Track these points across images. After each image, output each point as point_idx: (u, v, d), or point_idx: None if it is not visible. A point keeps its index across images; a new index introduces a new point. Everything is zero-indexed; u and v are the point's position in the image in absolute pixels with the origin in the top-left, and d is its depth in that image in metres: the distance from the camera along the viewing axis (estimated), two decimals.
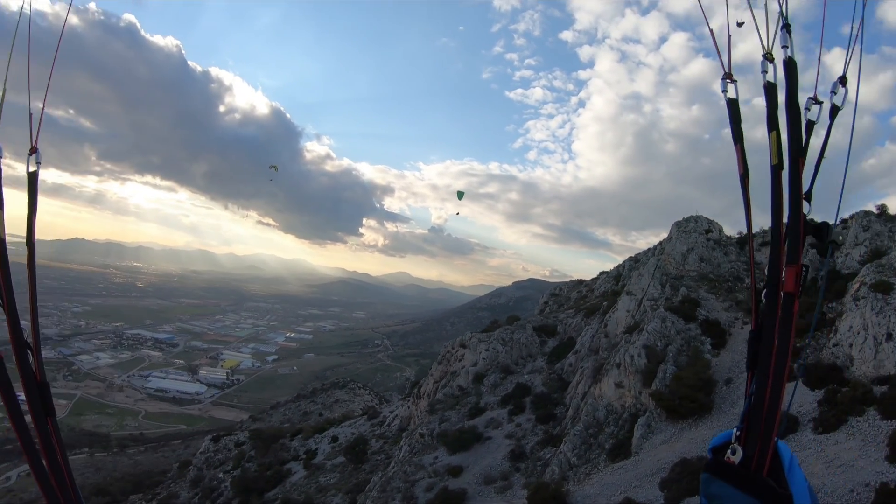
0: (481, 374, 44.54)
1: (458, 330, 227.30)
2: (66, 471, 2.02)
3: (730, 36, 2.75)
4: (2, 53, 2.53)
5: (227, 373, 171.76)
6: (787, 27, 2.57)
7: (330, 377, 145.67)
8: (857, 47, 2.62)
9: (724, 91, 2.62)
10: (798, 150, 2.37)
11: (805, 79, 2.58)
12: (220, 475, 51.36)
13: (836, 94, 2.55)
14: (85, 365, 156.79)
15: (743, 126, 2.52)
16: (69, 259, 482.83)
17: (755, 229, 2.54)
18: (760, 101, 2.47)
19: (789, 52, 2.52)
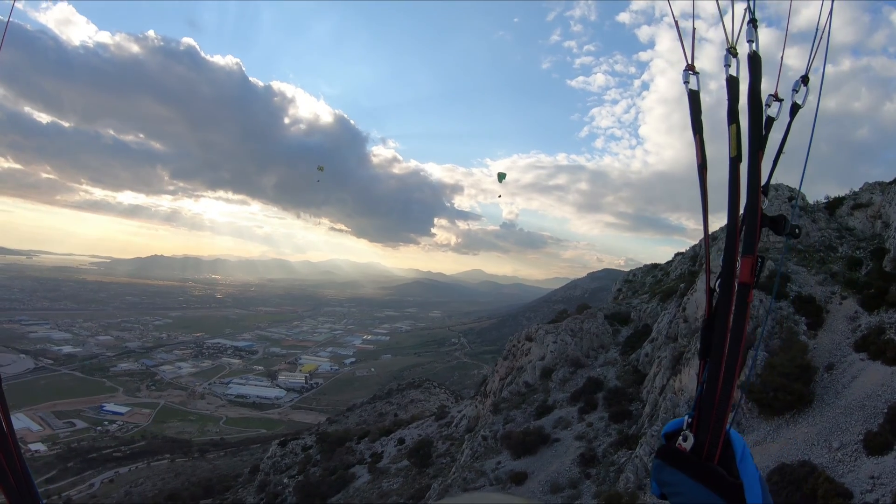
0: (549, 368, 40.97)
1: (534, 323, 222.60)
2: (13, 441, 1.95)
3: (694, 29, 2.73)
4: None
5: (305, 377, 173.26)
6: (753, 22, 2.60)
7: (407, 377, 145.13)
8: (824, 48, 2.61)
9: (686, 82, 2.68)
10: (758, 144, 2.41)
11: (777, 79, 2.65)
12: (285, 480, 50.08)
13: (797, 92, 2.61)
14: (167, 375, 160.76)
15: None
16: (149, 275, 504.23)
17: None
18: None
19: (754, 47, 2.57)
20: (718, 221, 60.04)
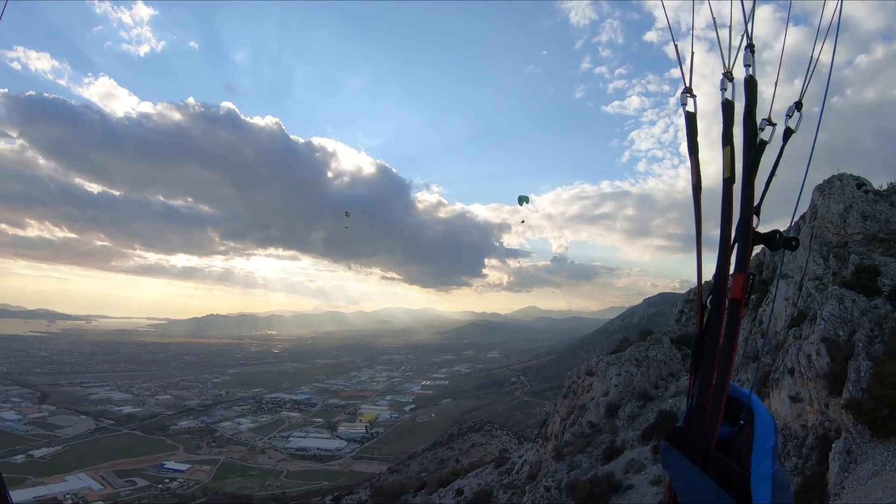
0: (615, 404, 37.18)
1: (593, 357, 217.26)
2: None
3: (693, 52, 2.94)
4: None
5: (365, 426, 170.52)
6: (750, 47, 2.72)
7: (468, 421, 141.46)
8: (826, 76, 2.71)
9: (684, 104, 2.84)
10: (751, 165, 2.55)
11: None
12: None
13: (790, 117, 2.72)
14: (227, 431, 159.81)
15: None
16: (206, 335, 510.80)
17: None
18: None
19: (751, 71, 2.67)
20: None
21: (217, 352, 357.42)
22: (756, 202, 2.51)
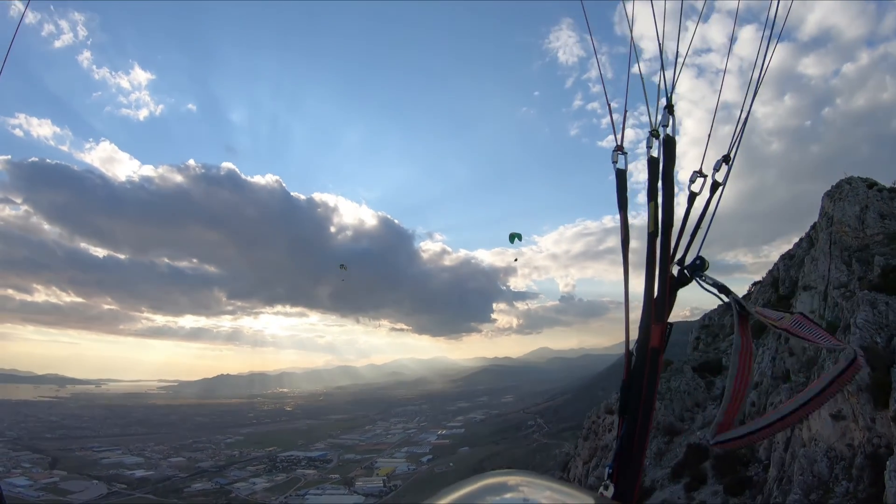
0: None
1: (610, 394, 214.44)
2: None
3: (626, 111, 3.28)
4: None
5: (383, 480, 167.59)
6: (669, 108, 2.95)
7: (487, 468, 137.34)
8: (741, 129, 2.91)
9: (615, 162, 3.12)
10: (669, 220, 2.77)
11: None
12: None
13: (718, 170, 2.86)
14: (242, 492, 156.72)
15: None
16: (217, 395, 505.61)
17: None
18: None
19: (669, 131, 2.92)
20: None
21: (229, 412, 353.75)
22: (680, 255, 2.69)
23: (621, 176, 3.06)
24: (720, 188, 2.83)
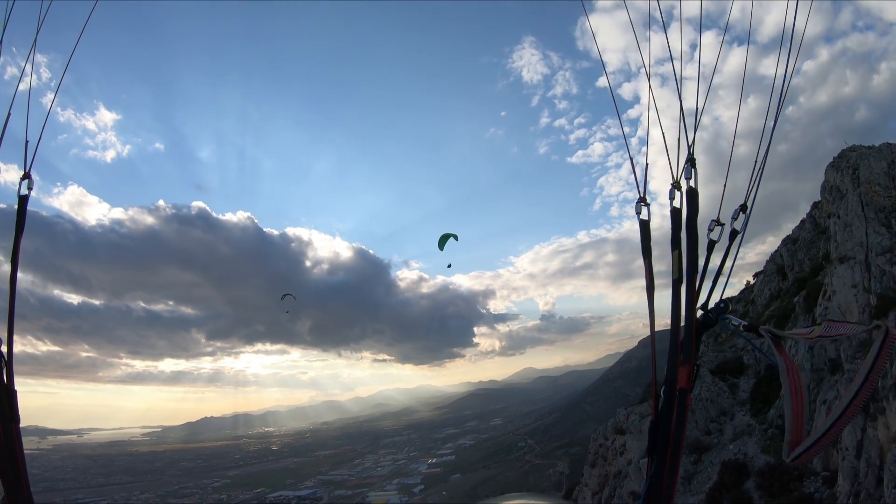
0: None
1: (598, 409, 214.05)
2: (23, 472, 2.27)
3: (647, 164, 3.53)
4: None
5: None
6: (691, 161, 3.10)
7: (481, 493, 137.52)
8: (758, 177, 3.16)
9: (638, 213, 3.33)
10: (693, 268, 2.92)
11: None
12: None
13: (736, 219, 3.07)
14: None
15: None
16: (201, 438, 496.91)
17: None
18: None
19: (692, 184, 3.06)
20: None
21: (215, 455, 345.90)
22: (702, 301, 2.91)
23: (645, 227, 3.27)
24: (738, 236, 3.07)
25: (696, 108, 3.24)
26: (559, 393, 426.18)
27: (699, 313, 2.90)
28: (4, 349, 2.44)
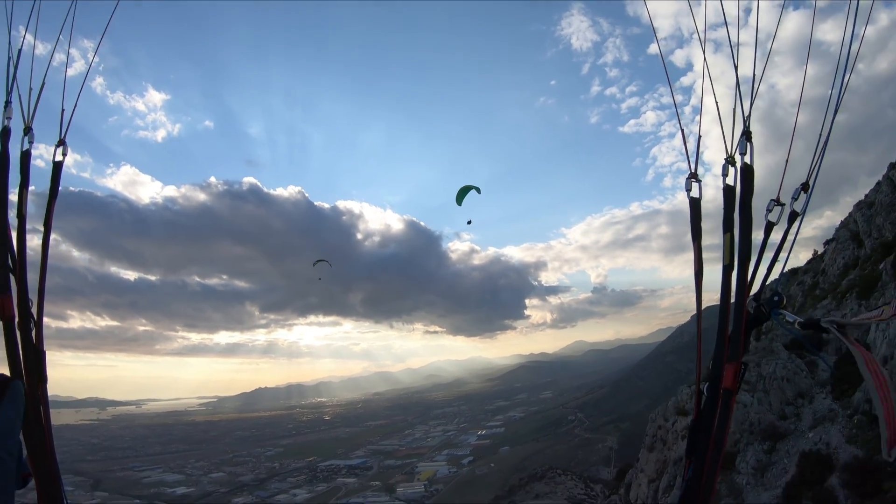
0: (728, 451, 22.19)
1: (650, 384, 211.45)
2: (48, 431, 2.28)
3: (700, 136, 3.10)
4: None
5: (424, 485, 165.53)
6: (747, 134, 2.80)
7: (529, 466, 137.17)
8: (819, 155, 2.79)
9: (689, 190, 2.98)
10: (746, 254, 2.61)
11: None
12: None
13: (796, 200, 2.72)
14: None
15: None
16: (256, 408, 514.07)
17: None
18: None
19: (747, 159, 2.77)
20: None
21: (268, 424, 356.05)
22: (756, 289, 2.60)
23: (695, 205, 2.94)
24: (798, 218, 2.69)
25: (753, 77, 2.89)
26: (610, 367, 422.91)
27: (751, 305, 2.55)
28: (35, 311, 2.41)
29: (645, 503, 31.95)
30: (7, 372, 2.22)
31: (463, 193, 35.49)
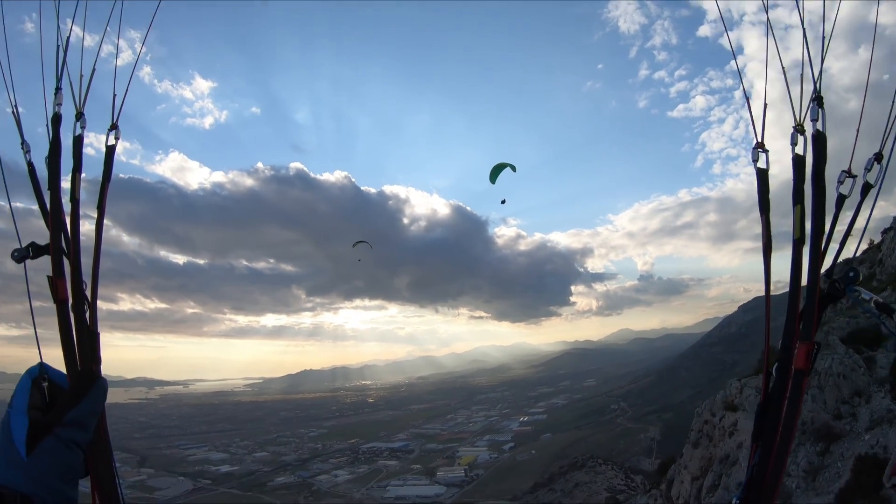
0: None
1: (695, 375, 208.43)
2: (102, 415, 2.25)
3: (766, 105, 2.82)
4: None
5: (464, 469, 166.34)
6: (818, 100, 2.57)
7: (570, 454, 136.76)
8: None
9: (755, 161, 2.69)
10: (820, 227, 2.41)
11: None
12: None
13: (869, 170, 2.51)
14: (324, 484, 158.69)
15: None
16: (301, 390, 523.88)
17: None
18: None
19: (819, 126, 2.54)
20: None
21: (312, 406, 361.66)
22: (828, 265, 2.36)
23: (763, 176, 2.64)
24: (873, 189, 2.44)
25: (823, 35, 2.65)
26: (655, 356, 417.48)
27: (823, 282, 2.31)
28: (89, 293, 2.38)
29: (687, 501, 30.38)
30: (61, 354, 2.25)
31: (497, 171, 34.29)
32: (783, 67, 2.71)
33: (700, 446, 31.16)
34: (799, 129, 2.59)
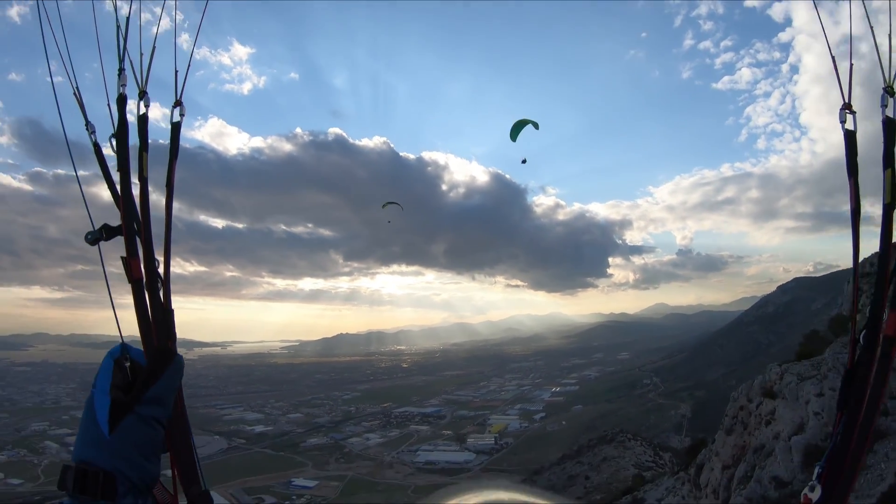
0: (816, 446, 21.51)
1: (729, 353, 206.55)
2: (179, 390, 2.33)
3: (851, 65, 2.64)
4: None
5: (495, 437, 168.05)
6: None
7: (600, 426, 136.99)
8: None
9: (843, 122, 2.53)
10: None
11: None
12: None
13: None
14: (356, 447, 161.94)
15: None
16: (336, 353, 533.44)
17: None
18: None
19: None
20: None
21: (347, 369, 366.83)
22: None
23: (851, 138, 2.42)
24: None
25: None
26: (690, 332, 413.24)
27: None
28: (162, 270, 2.47)
29: (716, 490, 27.95)
30: (137, 332, 2.33)
31: (518, 128, 32.53)
32: (871, 27, 2.54)
33: (734, 433, 29.43)
34: (889, 90, 2.43)
